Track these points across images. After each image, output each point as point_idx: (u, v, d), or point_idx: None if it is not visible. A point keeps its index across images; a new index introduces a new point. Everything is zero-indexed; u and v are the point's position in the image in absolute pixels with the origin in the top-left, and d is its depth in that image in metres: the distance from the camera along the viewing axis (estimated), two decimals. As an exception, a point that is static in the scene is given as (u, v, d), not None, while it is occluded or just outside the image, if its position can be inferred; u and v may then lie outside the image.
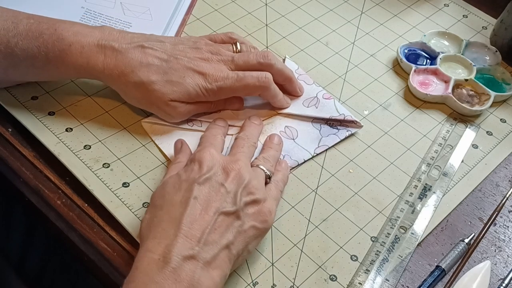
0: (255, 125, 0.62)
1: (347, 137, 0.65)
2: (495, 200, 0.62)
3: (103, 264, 0.54)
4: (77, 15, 0.72)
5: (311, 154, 0.63)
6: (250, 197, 0.52)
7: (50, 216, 0.57)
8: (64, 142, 0.60)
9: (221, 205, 0.50)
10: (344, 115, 0.65)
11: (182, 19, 0.75)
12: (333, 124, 0.65)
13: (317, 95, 0.67)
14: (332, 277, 0.54)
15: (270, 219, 0.53)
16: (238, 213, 0.51)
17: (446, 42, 0.77)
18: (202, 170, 0.52)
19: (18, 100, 0.63)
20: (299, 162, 0.62)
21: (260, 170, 0.56)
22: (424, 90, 0.70)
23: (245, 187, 0.52)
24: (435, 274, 0.55)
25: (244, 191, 0.52)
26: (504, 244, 0.59)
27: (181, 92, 0.59)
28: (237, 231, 0.50)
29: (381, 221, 0.59)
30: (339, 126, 0.65)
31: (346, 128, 0.65)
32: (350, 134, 0.65)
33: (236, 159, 0.54)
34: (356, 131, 0.65)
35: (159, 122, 0.63)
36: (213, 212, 0.49)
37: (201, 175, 0.51)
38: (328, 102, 0.66)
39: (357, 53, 0.75)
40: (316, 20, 0.79)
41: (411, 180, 0.62)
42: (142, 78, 0.58)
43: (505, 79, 0.73)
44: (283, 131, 0.64)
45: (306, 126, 0.65)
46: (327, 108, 0.66)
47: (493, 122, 0.69)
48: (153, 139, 0.62)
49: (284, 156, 0.62)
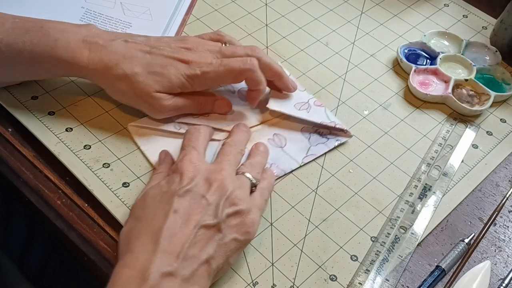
0: (243, 132, 0.61)
1: (336, 146, 0.64)
2: (495, 200, 0.62)
3: (103, 264, 0.54)
4: (77, 15, 0.72)
5: (299, 163, 0.61)
6: (232, 208, 0.51)
7: (50, 216, 0.57)
8: (64, 142, 0.60)
9: (201, 218, 0.49)
10: (335, 123, 0.64)
11: (182, 19, 0.75)
12: (322, 132, 0.64)
13: (309, 101, 0.66)
14: (332, 277, 0.54)
15: (253, 230, 0.52)
16: (219, 225, 0.49)
17: (446, 42, 0.77)
18: (183, 181, 0.51)
19: (18, 100, 0.63)
20: (286, 172, 0.61)
21: (245, 178, 0.55)
22: (424, 90, 0.70)
23: (227, 198, 0.51)
24: (435, 274, 0.55)
25: (226, 202, 0.51)
26: (504, 244, 0.59)
27: (164, 82, 0.59)
28: (217, 245, 0.49)
29: (381, 221, 0.59)
30: (328, 135, 0.64)
31: (336, 137, 0.64)
32: (340, 143, 0.64)
33: (220, 168, 0.53)
34: (346, 141, 0.64)
35: (146, 126, 0.62)
36: (193, 225, 0.48)
37: (182, 186, 0.50)
38: (319, 109, 0.66)
39: (357, 53, 0.75)
40: (316, 20, 0.79)
41: (411, 180, 0.62)
42: (126, 70, 0.58)
43: (505, 79, 0.73)
44: (272, 138, 0.63)
45: (295, 134, 0.64)
46: (318, 114, 0.65)
47: (493, 122, 0.69)
48: (138, 145, 0.61)
49: (271, 165, 0.61)
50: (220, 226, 0.49)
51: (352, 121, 0.67)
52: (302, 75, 0.71)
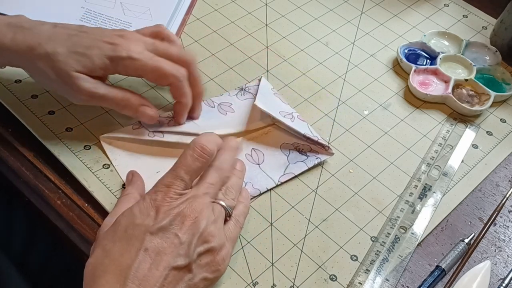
0: (231, 150, 0.56)
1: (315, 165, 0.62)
2: (495, 200, 0.62)
3: (103, 264, 0.54)
4: (77, 15, 0.72)
5: (275, 183, 0.60)
6: (204, 247, 0.49)
7: (50, 216, 0.57)
8: (64, 142, 0.60)
9: (173, 259, 0.47)
10: (318, 138, 0.63)
11: (182, 19, 0.75)
12: (302, 149, 0.62)
13: (292, 113, 0.65)
14: (332, 277, 0.54)
15: (223, 267, 0.50)
16: (190, 266, 0.48)
17: (446, 42, 0.77)
18: (157, 217, 0.48)
19: (18, 99, 0.63)
20: (261, 191, 0.59)
21: (220, 209, 0.52)
22: (424, 90, 0.70)
23: (200, 235, 0.49)
24: (435, 274, 0.55)
25: (199, 240, 0.48)
26: (504, 244, 0.59)
27: (86, 61, 0.56)
28: (187, 285, 0.47)
29: (381, 221, 0.59)
30: (308, 152, 0.62)
31: (316, 155, 0.62)
32: (319, 161, 0.62)
33: (197, 200, 0.50)
34: (326, 159, 0.63)
35: (118, 136, 0.61)
36: (164, 267, 0.46)
37: (155, 223, 0.48)
38: (303, 123, 0.64)
39: (357, 53, 0.75)
40: (316, 20, 0.79)
41: (411, 180, 0.62)
42: (48, 50, 0.56)
43: (505, 79, 0.73)
44: (249, 154, 0.62)
45: (273, 150, 0.62)
46: (301, 126, 0.63)
47: (493, 122, 0.69)
48: (110, 159, 0.59)
49: (246, 183, 0.59)
50: (191, 266, 0.48)
51: (352, 121, 0.67)
52: (302, 75, 0.71)
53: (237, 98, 0.66)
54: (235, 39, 0.74)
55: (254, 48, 0.74)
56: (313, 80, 0.71)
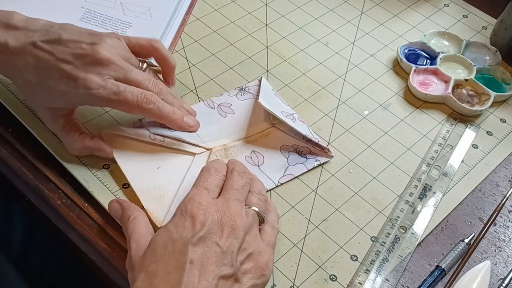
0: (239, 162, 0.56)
1: (315, 167, 0.62)
2: (495, 200, 0.62)
3: (103, 264, 0.54)
4: (77, 15, 0.72)
5: (275, 184, 0.60)
6: (244, 254, 0.49)
7: (50, 216, 0.57)
8: (64, 142, 0.60)
9: (218, 269, 0.46)
10: (318, 140, 0.63)
11: (182, 19, 0.75)
12: (302, 152, 0.63)
13: (293, 115, 0.65)
14: (332, 277, 0.54)
15: (268, 272, 0.50)
16: (236, 275, 0.47)
17: (446, 42, 0.77)
18: (195, 227, 0.47)
19: (18, 99, 0.63)
20: None
21: (254, 214, 0.52)
22: (424, 90, 0.70)
23: (239, 243, 0.48)
24: (435, 274, 0.55)
25: (239, 248, 0.48)
26: (504, 244, 0.59)
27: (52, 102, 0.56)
28: None
29: (381, 221, 0.59)
30: (308, 154, 0.62)
31: (315, 158, 0.62)
32: (319, 164, 0.62)
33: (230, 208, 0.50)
34: (325, 161, 0.63)
35: (120, 133, 0.60)
36: (212, 277, 0.46)
37: (194, 233, 0.47)
38: (303, 124, 0.64)
39: (357, 53, 0.75)
40: (316, 20, 0.79)
41: (411, 180, 0.62)
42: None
43: (505, 79, 0.73)
44: (249, 156, 0.62)
45: (273, 152, 0.62)
46: (302, 127, 0.64)
47: (493, 122, 0.69)
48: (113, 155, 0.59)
49: None
50: (237, 275, 0.47)
51: (352, 121, 0.67)
52: (302, 75, 0.71)
53: (237, 99, 0.66)
54: (235, 39, 0.74)
55: (254, 48, 0.74)
56: (313, 80, 0.71)
